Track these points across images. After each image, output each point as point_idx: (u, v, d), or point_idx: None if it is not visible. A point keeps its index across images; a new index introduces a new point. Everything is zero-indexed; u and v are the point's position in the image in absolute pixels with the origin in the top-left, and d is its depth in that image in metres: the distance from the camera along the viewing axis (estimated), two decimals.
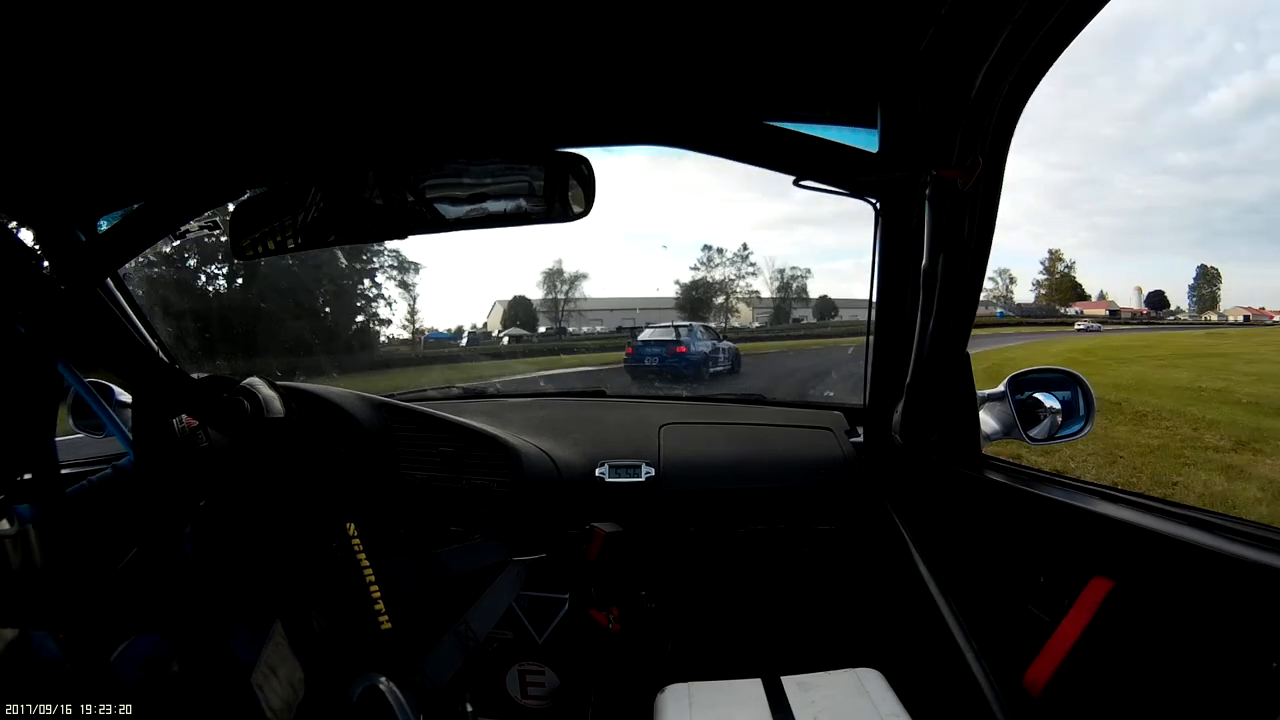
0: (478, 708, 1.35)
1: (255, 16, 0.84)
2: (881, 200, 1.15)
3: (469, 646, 1.12)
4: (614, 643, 1.39)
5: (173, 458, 1.03)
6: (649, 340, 11.67)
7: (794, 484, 1.43)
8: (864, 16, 0.90)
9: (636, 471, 1.41)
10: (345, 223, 1.30)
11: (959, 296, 1.09)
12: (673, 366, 10.90)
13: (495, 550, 1.27)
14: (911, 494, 1.35)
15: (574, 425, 1.59)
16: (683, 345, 11.36)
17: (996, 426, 1.27)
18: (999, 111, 0.92)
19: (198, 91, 1.02)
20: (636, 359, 11.34)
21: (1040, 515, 1.05)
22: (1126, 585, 0.86)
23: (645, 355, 11.25)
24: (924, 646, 1.15)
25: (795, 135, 1.13)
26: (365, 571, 1.03)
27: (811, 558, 1.45)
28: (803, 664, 1.14)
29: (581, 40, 0.97)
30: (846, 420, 1.57)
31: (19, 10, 0.76)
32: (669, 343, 11.40)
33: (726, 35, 0.96)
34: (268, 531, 0.95)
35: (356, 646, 1.21)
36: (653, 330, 12.35)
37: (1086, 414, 1.25)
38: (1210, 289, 46.71)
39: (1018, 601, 1.05)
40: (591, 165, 1.22)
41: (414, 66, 1.02)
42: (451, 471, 1.37)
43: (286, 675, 1.03)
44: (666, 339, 11.58)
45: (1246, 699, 0.69)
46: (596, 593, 1.38)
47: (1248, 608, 0.71)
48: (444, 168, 1.30)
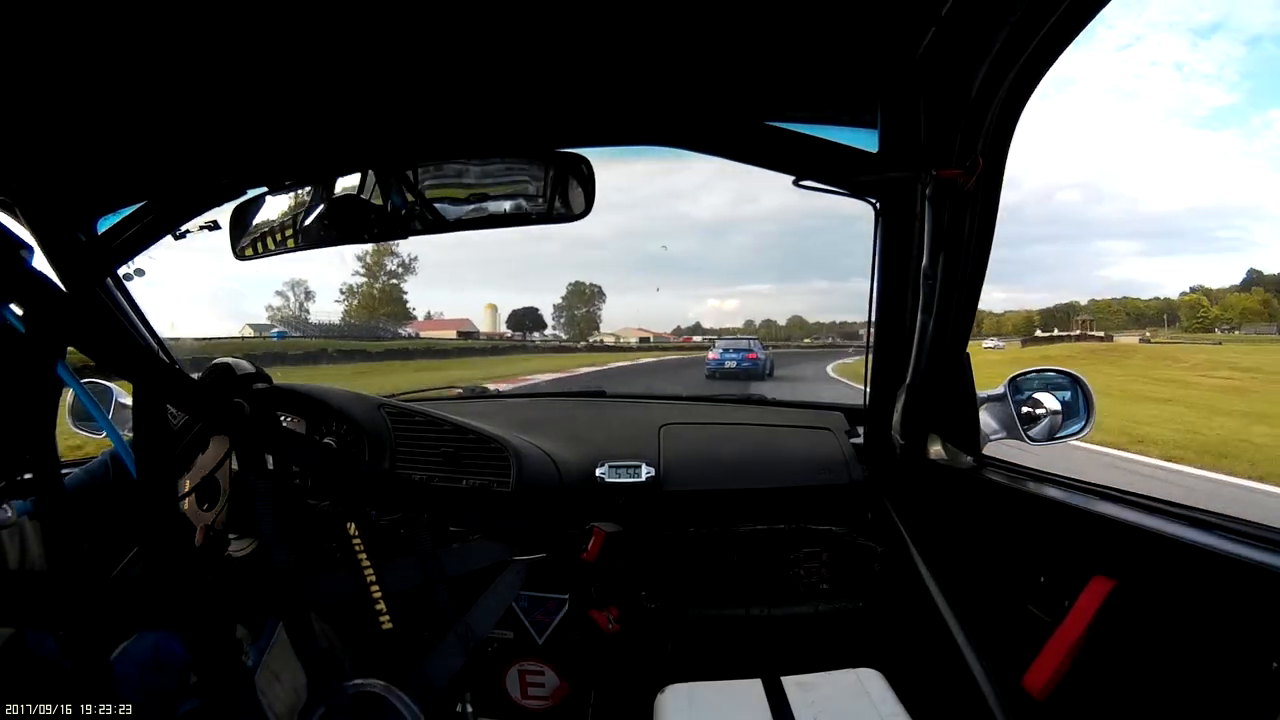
0: (477, 708, 1.35)
1: (255, 17, 0.84)
2: (881, 200, 1.15)
3: (469, 646, 1.12)
4: (614, 643, 1.39)
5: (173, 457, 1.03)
6: (728, 349, 15.68)
7: (794, 484, 1.43)
8: (864, 17, 0.90)
9: (636, 472, 1.40)
10: (345, 223, 1.30)
11: (959, 296, 1.09)
12: (747, 369, 14.74)
13: (495, 550, 1.26)
14: (911, 494, 1.35)
15: (574, 425, 1.59)
16: (753, 353, 15.47)
17: (996, 426, 1.27)
18: (999, 112, 0.92)
19: (198, 92, 1.02)
20: (718, 364, 15.04)
21: (1040, 515, 1.05)
22: (1127, 585, 0.86)
23: (726, 360, 15.07)
24: (924, 646, 1.15)
25: (795, 135, 1.13)
26: (365, 571, 1.03)
27: (811, 557, 1.45)
28: (803, 664, 1.14)
29: (582, 40, 0.97)
30: (846, 420, 1.57)
31: (20, 11, 0.76)
32: (744, 350, 15.55)
33: (727, 36, 0.96)
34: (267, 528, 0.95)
35: (357, 647, 1.21)
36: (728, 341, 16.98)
37: (1086, 414, 1.25)
38: (587, 309, 43.77)
39: (1018, 601, 1.05)
40: (591, 165, 1.23)
41: (414, 66, 1.02)
42: (451, 471, 1.37)
43: (289, 680, 1.03)
44: (742, 348, 15.72)
45: (1246, 699, 0.69)
46: (596, 593, 1.38)
47: (1248, 608, 0.71)
48: (444, 168, 1.30)
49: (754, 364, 14.95)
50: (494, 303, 39.68)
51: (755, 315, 57.52)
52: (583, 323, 42.84)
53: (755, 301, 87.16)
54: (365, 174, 1.28)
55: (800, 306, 68.52)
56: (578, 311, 43.03)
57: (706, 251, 70.23)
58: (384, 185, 1.27)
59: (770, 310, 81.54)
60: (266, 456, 1.00)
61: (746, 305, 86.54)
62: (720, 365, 15.01)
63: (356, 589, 1.01)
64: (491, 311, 39.35)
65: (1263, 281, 47.81)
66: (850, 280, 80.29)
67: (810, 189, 1.12)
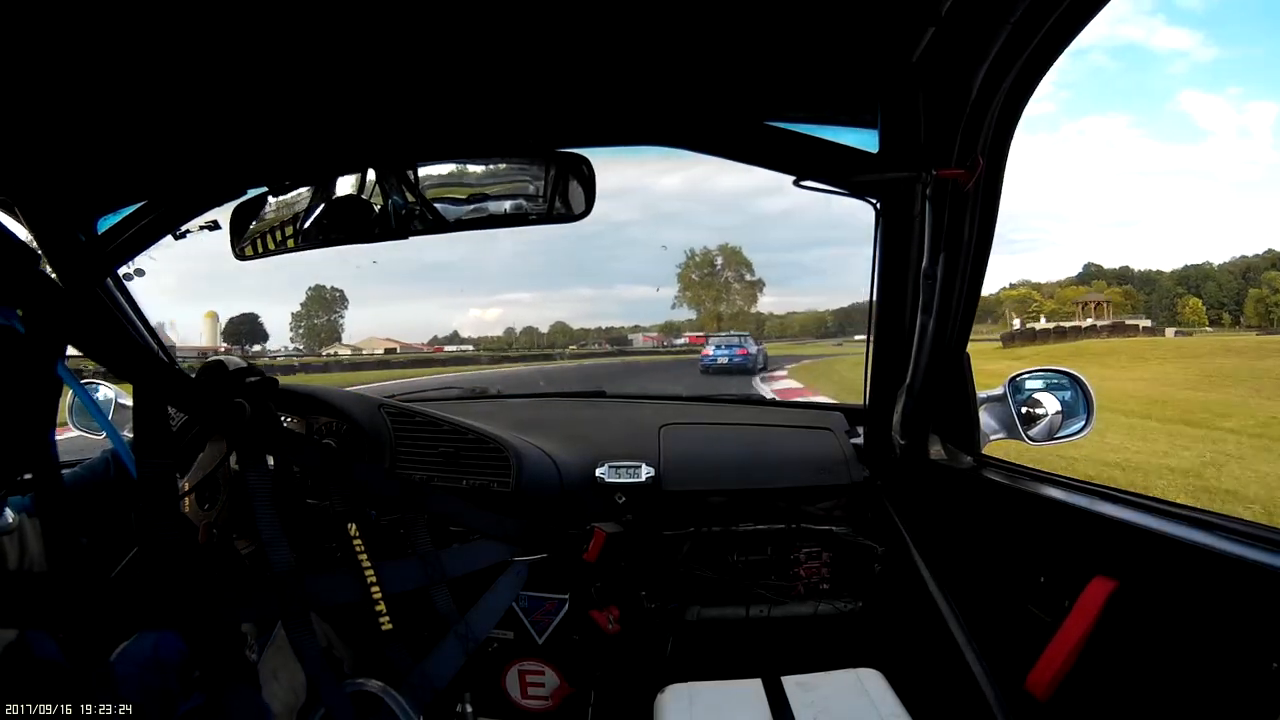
0: (477, 708, 1.35)
1: (255, 17, 0.84)
2: (881, 200, 1.15)
3: (469, 647, 1.12)
4: (614, 643, 1.39)
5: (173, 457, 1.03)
6: (720, 345, 15.94)
7: (794, 484, 1.42)
8: (864, 17, 0.90)
9: (636, 472, 1.40)
10: (345, 223, 1.30)
11: (959, 296, 1.09)
12: (740, 363, 15.03)
13: (496, 550, 1.26)
14: (911, 494, 1.35)
15: (574, 425, 1.59)
16: (744, 349, 15.65)
17: (996, 426, 1.27)
18: (999, 111, 0.92)
19: (198, 91, 1.02)
20: (711, 360, 15.34)
21: (1040, 515, 1.05)
22: (1128, 585, 0.86)
23: (719, 356, 15.37)
24: (924, 646, 1.15)
25: (795, 135, 1.13)
26: (366, 572, 1.03)
27: (811, 558, 1.45)
28: (803, 664, 1.14)
29: (583, 41, 0.97)
30: (846, 420, 1.57)
31: (20, 11, 0.76)
32: (735, 346, 15.74)
33: (727, 36, 0.96)
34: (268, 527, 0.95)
35: (357, 647, 1.21)
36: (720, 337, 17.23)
37: (1087, 414, 1.25)
38: (329, 317, 38.30)
39: (1018, 601, 1.05)
40: (592, 165, 1.23)
41: (415, 66, 1.02)
42: (451, 472, 1.37)
43: (288, 679, 1.03)
44: (733, 344, 15.94)
45: (1247, 699, 0.69)
46: (597, 593, 1.38)
47: (1248, 608, 0.71)
48: (445, 168, 1.30)
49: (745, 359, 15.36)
50: (214, 310, 32.11)
51: (517, 323, 56.17)
52: (323, 332, 37.20)
53: (518, 310, 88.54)
54: (365, 174, 1.28)
55: (564, 314, 70.10)
56: (318, 320, 37.42)
57: (474, 260, 70.26)
58: (384, 185, 1.27)
59: (533, 318, 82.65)
60: (267, 457, 1.00)
61: (509, 314, 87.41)
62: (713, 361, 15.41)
63: (356, 589, 1.01)
64: (211, 321, 32.11)
65: (1103, 274, 47.71)
66: (615, 287, 77.66)
67: (810, 189, 1.12)
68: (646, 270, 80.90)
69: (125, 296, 1.55)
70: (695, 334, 37.88)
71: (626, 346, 36.20)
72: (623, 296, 75.97)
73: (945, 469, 1.26)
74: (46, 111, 1.01)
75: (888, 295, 1.23)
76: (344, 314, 38.85)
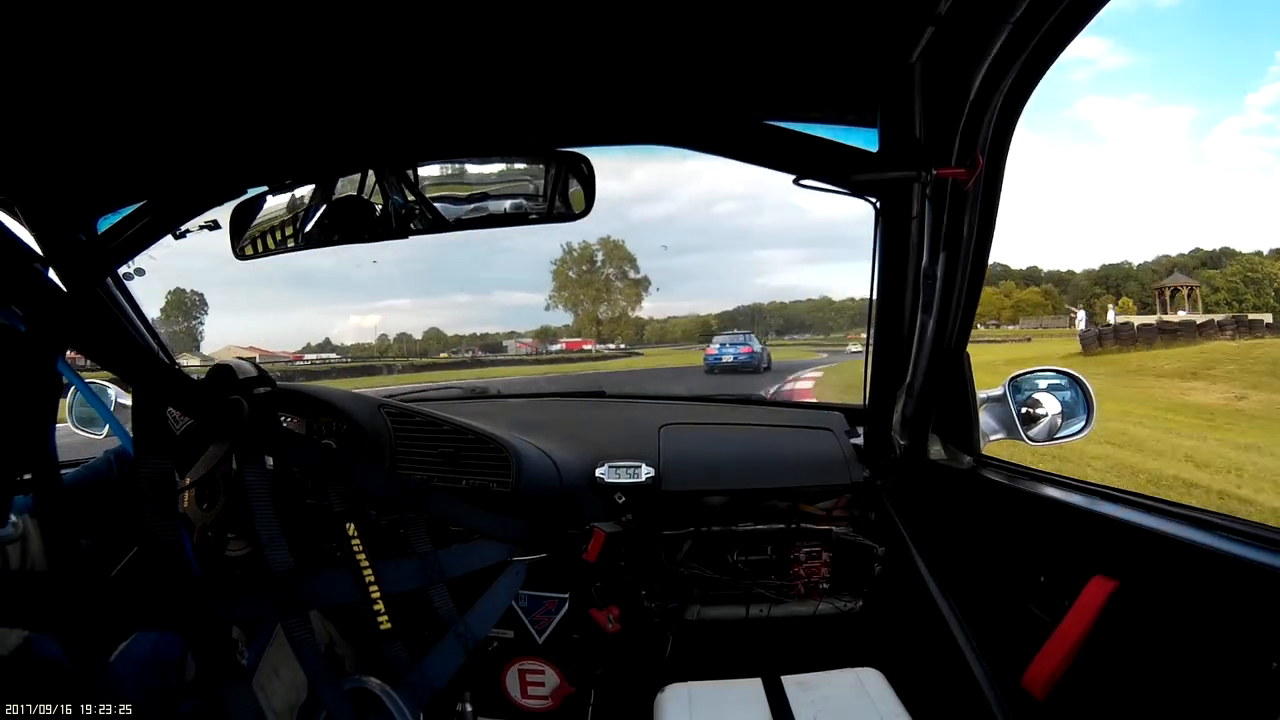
0: (477, 707, 1.35)
1: (255, 17, 0.84)
2: (881, 200, 1.15)
3: (468, 647, 1.12)
4: (614, 643, 1.39)
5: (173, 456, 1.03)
6: (725, 343, 16.31)
7: (794, 484, 1.42)
8: (863, 17, 0.90)
9: (636, 472, 1.40)
10: (345, 222, 1.30)
11: (959, 296, 1.09)
12: (744, 361, 15.47)
13: (495, 550, 1.26)
14: (911, 494, 1.35)
15: (574, 426, 1.59)
16: (749, 346, 16.16)
17: (996, 426, 1.27)
18: (999, 111, 0.92)
19: (198, 92, 1.02)
20: (716, 358, 15.71)
21: (1040, 515, 1.05)
22: (1128, 585, 0.86)
23: (723, 354, 15.77)
24: (924, 646, 1.15)
25: (795, 135, 1.13)
26: (365, 572, 1.03)
27: (811, 557, 1.45)
28: (803, 664, 1.14)
29: (583, 40, 0.97)
30: (846, 420, 1.56)
31: (20, 11, 0.76)
32: (740, 344, 16.23)
33: (727, 36, 0.96)
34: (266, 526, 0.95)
35: (357, 647, 1.21)
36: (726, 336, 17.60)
37: (1087, 414, 1.25)
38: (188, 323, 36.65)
39: (1018, 601, 1.05)
40: (592, 165, 1.23)
41: (415, 66, 1.02)
42: (451, 472, 1.37)
43: (289, 677, 1.03)
44: (738, 341, 16.43)
45: (1246, 699, 0.69)
46: (597, 592, 1.38)
47: (1248, 608, 0.71)
48: (445, 167, 1.30)
49: (750, 357, 15.73)
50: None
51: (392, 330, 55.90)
52: (181, 340, 34.71)
53: (396, 316, 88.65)
54: (365, 174, 1.28)
55: (440, 320, 70.51)
56: (177, 326, 35.29)
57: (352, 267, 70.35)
58: (384, 185, 1.27)
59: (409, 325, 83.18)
60: (266, 457, 1.00)
61: (387, 320, 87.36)
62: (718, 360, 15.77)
63: (355, 589, 1.01)
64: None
65: (1010, 274, 47.34)
66: (493, 293, 78.96)
67: (810, 188, 1.12)
68: (525, 277, 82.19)
69: (125, 296, 1.55)
70: (572, 339, 37.33)
71: (500, 354, 35.41)
72: (500, 303, 76.62)
73: (945, 469, 1.26)
74: (47, 112, 1.01)
75: (888, 295, 1.23)
76: (204, 320, 37.44)
